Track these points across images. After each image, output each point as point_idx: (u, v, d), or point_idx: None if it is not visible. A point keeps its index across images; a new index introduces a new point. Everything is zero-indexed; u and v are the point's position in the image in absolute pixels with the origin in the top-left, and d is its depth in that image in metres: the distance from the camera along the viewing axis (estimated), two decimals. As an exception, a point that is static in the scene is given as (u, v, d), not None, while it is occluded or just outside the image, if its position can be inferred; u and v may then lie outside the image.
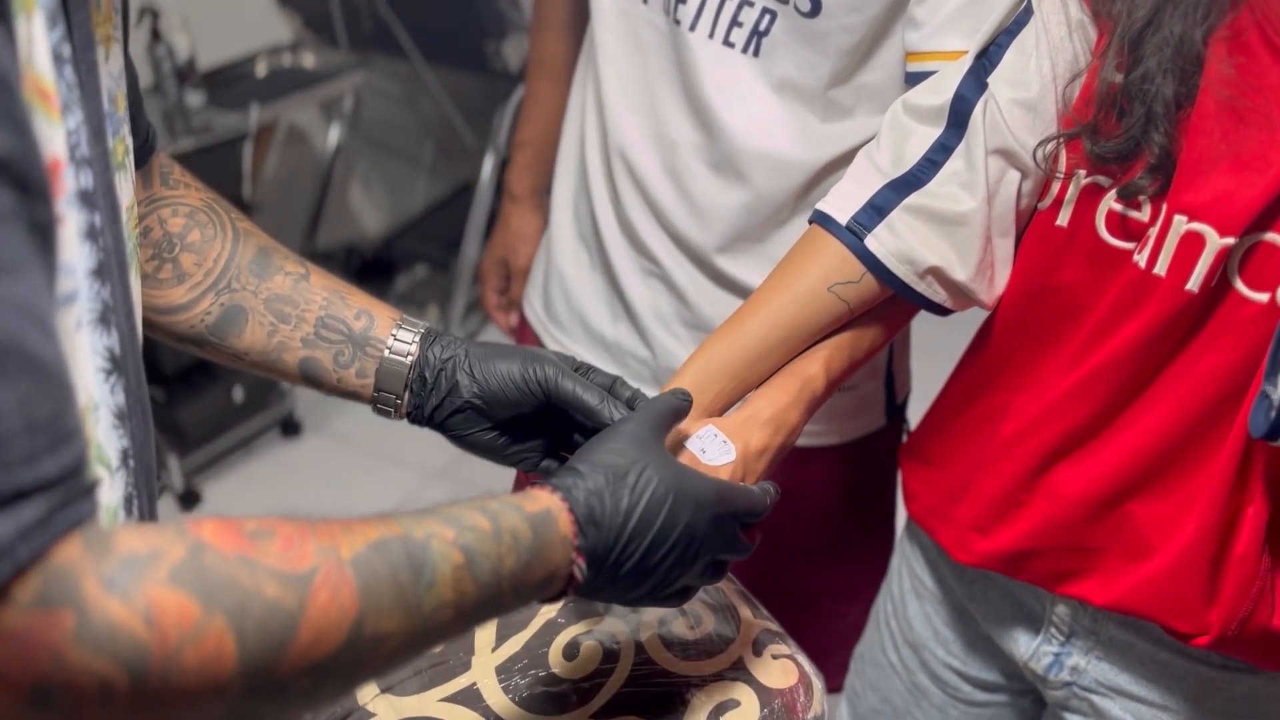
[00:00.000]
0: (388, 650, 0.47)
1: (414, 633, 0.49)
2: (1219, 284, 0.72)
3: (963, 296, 0.82)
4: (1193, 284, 0.72)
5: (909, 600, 1.02)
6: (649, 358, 1.06)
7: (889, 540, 1.23)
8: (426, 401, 0.73)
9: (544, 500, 0.57)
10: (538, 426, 0.74)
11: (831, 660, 1.21)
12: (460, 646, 0.78)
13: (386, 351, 0.72)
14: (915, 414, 1.15)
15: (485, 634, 0.78)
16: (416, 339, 0.73)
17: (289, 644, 0.43)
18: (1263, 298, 0.71)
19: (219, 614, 0.40)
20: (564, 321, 1.13)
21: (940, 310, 0.82)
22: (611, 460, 0.60)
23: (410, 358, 0.72)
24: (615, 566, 0.59)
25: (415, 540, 0.49)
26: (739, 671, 0.79)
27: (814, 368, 0.80)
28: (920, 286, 0.79)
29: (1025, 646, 0.90)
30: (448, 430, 0.74)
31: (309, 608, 0.43)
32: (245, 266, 0.72)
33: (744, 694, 0.78)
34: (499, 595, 0.53)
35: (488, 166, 2.58)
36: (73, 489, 0.38)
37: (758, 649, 0.82)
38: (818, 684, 0.81)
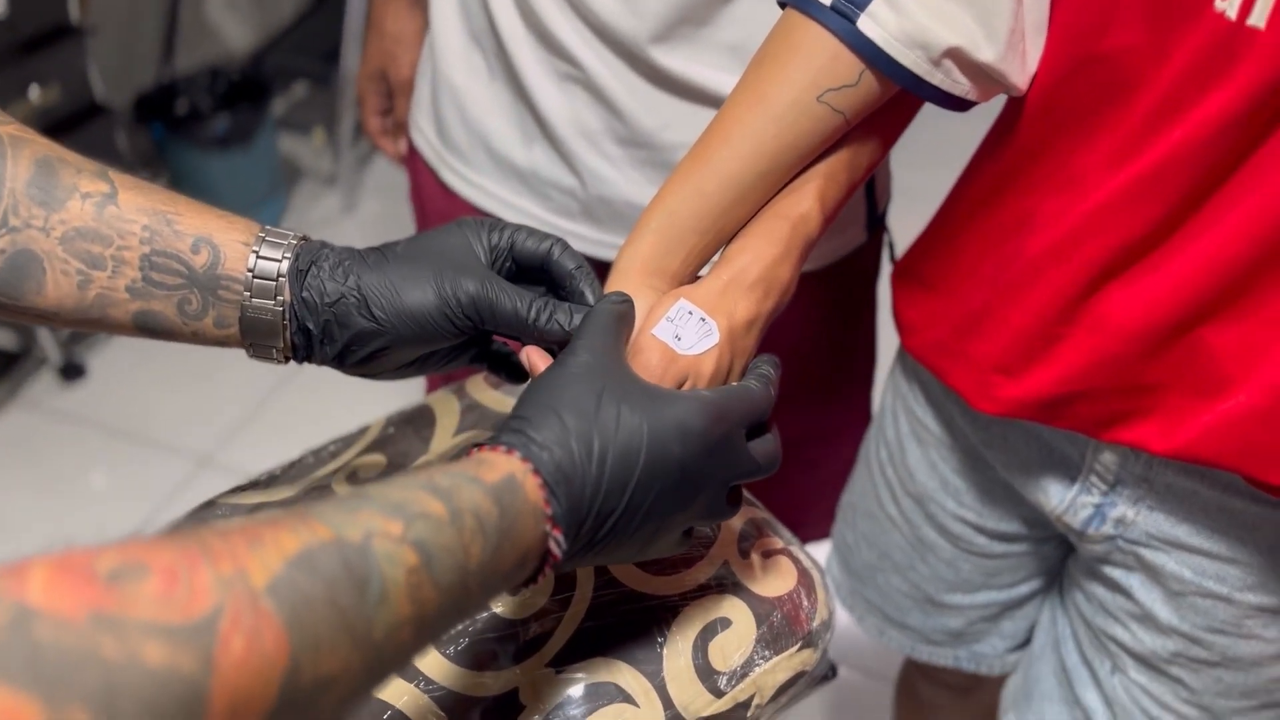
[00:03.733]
0: (337, 696, 0.35)
1: (368, 667, 0.36)
2: None
3: (989, 82, 0.62)
4: (1305, 37, 0.54)
5: (909, 446, 0.87)
6: (575, 186, 0.86)
7: (871, 371, 1.07)
8: (317, 351, 0.56)
9: (502, 465, 0.45)
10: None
11: (815, 509, 1.07)
12: None
13: (246, 294, 0.53)
14: (896, 224, 0.97)
15: None
16: (282, 271, 0.54)
17: None
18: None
19: (75, 708, 0.27)
20: (462, 148, 0.91)
21: (959, 105, 0.62)
22: (567, 400, 0.47)
23: (281, 302, 0.54)
24: (594, 530, 0.47)
25: (351, 544, 0.36)
26: (725, 580, 0.64)
27: (805, 204, 0.60)
28: (936, 77, 0.59)
29: (1058, 498, 0.76)
30: (352, 370, 0.57)
31: (219, 666, 0.30)
32: (22, 191, 0.51)
33: (734, 609, 0.63)
34: (465, 596, 0.41)
35: (360, -42, 2.25)
36: None
37: (744, 547, 0.66)
38: (818, 579, 0.67)
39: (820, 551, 1.10)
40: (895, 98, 0.63)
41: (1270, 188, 0.58)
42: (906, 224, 1.00)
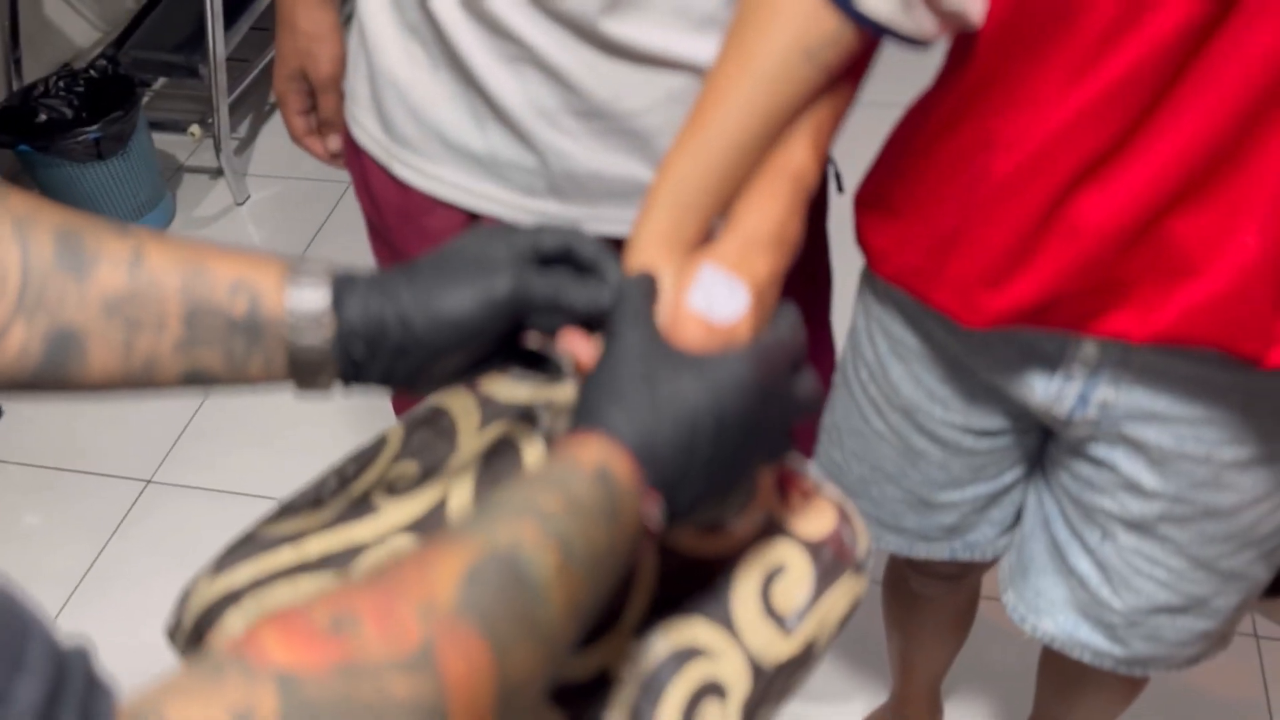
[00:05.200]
0: (531, 688, 0.40)
1: (547, 657, 0.41)
2: None
3: (951, 20, 0.65)
4: (1244, -55, 0.58)
5: (890, 364, 0.91)
6: (537, 166, 0.86)
7: (829, 298, 1.11)
8: (366, 373, 0.56)
9: (593, 448, 0.48)
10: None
11: (794, 436, 1.11)
12: None
13: (289, 332, 0.54)
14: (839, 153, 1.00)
15: None
16: (324, 306, 0.54)
17: None
18: (1325, -54, 0.57)
19: None
20: (414, 141, 0.90)
21: (921, 45, 0.65)
22: (627, 382, 0.51)
23: (326, 337, 0.54)
24: (681, 489, 0.51)
25: (504, 553, 0.40)
26: (773, 529, 0.67)
27: (802, 156, 0.63)
28: (908, 24, 0.62)
29: (1043, 392, 0.82)
30: (397, 388, 0.58)
31: (449, 686, 0.34)
32: (50, 269, 0.50)
33: (788, 553, 0.66)
34: (599, 576, 0.45)
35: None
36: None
37: (783, 492, 0.69)
38: (852, 509, 0.71)
39: (806, 473, 1.14)
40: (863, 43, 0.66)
41: (1220, 87, 0.63)
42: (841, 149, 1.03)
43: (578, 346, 0.58)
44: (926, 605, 1.23)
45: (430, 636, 0.35)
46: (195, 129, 2.37)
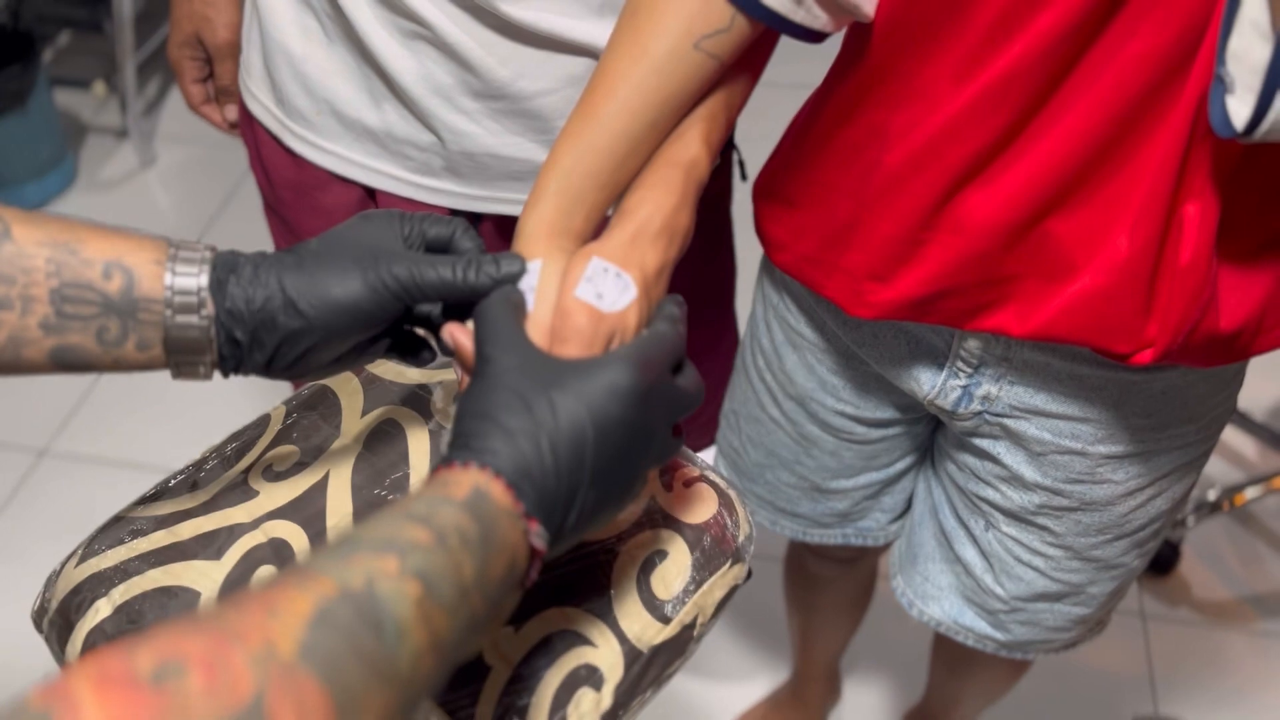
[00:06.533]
0: None
1: (403, 701, 0.39)
2: None
3: (843, 14, 0.65)
4: (1123, -46, 0.59)
5: (784, 353, 0.92)
6: (434, 144, 0.85)
7: (733, 285, 1.12)
8: (247, 359, 0.55)
9: (466, 479, 0.47)
10: None
11: (697, 420, 1.12)
12: None
13: (168, 313, 0.52)
14: (741, 139, 1.00)
15: None
16: (203, 284, 0.53)
17: None
18: (1200, -42, 0.59)
19: None
20: (306, 114, 0.88)
21: (816, 37, 0.65)
22: (499, 405, 0.49)
23: (205, 315, 0.53)
24: (568, 510, 0.49)
25: (358, 591, 0.39)
26: (654, 515, 0.68)
27: (693, 148, 0.63)
28: (799, 15, 0.62)
29: (929, 384, 0.83)
30: (279, 375, 0.57)
31: None
32: None
33: (668, 540, 0.67)
34: (471, 611, 0.43)
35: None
36: None
37: (665, 481, 0.70)
38: (735, 497, 0.71)
39: (706, 457, 1.15)
40: (760, 35, 0.65)
41: (1097, 91, 0.64)
42: (744, 136, 1.03)
43: (457, 334, 0.57)
44: (825, 585, 1.26)
45: (262, 688, 0.33)
46: (100, 86, 2.29)
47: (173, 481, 0.72)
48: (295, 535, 0.68)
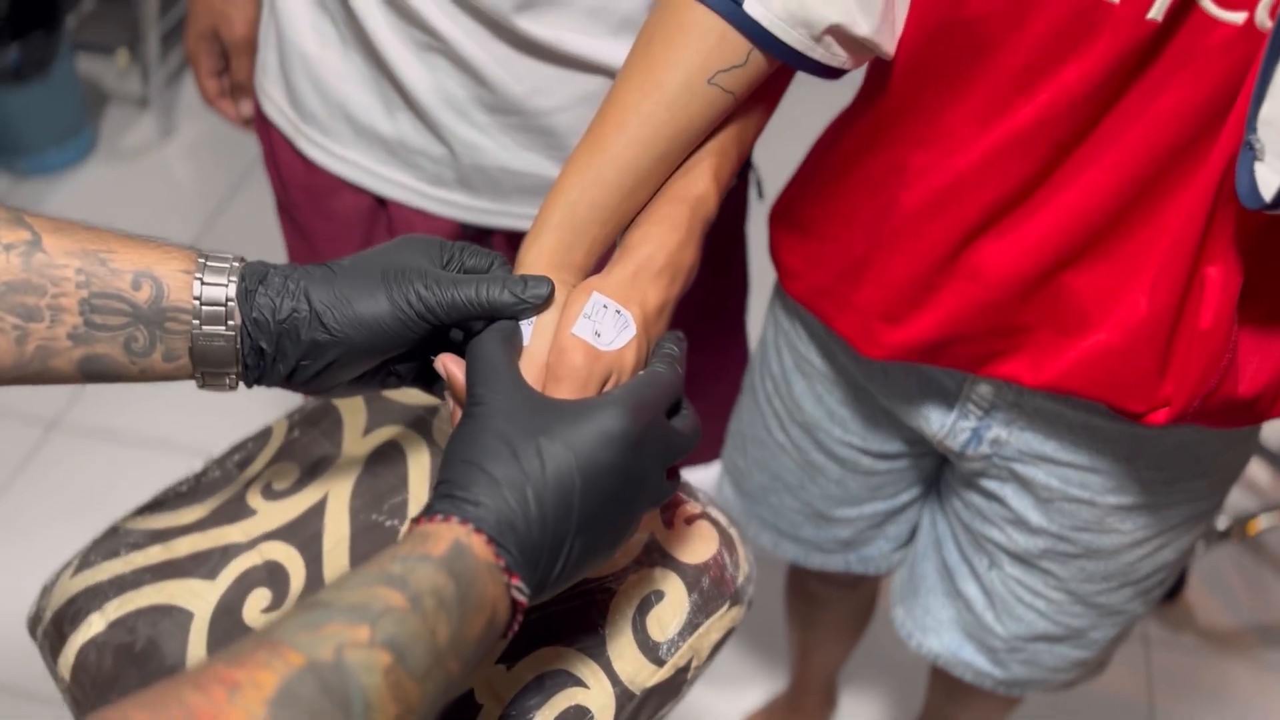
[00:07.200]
0: None
1: None
2: (1181, 3, 0.58)
3: (864, 52, 0.64)
4: (1156, 11, 0.57)
5: (794, 380, 0.91)
6: (446, 156, 0.84)
7: (744, 304, 1.10)
8: (271, 371, 0.55)
9: (445, 534, 0.45)
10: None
11: (703, 435, 1.11)
12: None
13: (196, 323, 0.52)
14: (760, 159, 0.99)
15: None
16: (231, 295, 0.53)
17: None
18: (1237, 18, 0.57)
19: None
20: (320, 118, 0.87)
21: (834, 74, 0.64)
22: (485, 452, 0.48)
23: (233, 326, 0.53)
24: (553, 561, 0.48)
25: (325, 664, 0.38)
26: (653, 553, 0.67)
27: (702, 184, 0.61)
28: (818, 52, 0.61)
29: (938, 424, 0.82)
30: (301, 388, 0.57)
31: None
32: None
33: (666, 580, 0.66)
34: (444, 675, 0.42)
35: None
36: None
37: (666, 517, 0.69)
38: (737, 536, 0.70)
39: (711, 472, 1.15)
40: (776, 70, 0.64)
41: (1123, 146, 0.62)
42: (763, 155, 1.02)
43: (450, 366, 0.56)
44: (825, 605, 1.25)
45: None
46: (123, 55, 2.28)
47: (171, 493, 0.72)
48: (291, 559, 0.67)
